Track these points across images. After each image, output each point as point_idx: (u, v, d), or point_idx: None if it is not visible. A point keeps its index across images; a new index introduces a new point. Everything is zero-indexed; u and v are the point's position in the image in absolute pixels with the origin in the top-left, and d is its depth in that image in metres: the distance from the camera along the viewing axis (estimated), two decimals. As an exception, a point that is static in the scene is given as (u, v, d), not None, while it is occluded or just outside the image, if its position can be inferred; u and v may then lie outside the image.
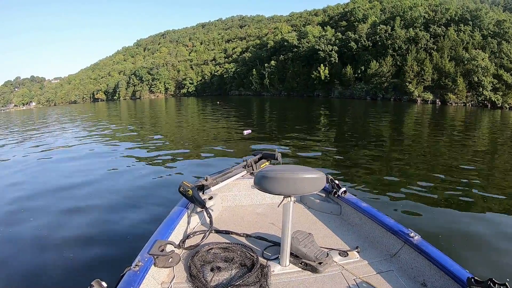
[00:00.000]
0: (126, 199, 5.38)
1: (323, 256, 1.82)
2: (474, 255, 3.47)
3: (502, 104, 37.20)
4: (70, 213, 4.83)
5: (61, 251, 3.62)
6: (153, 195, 5.52)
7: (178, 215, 2.17)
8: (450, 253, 1.85)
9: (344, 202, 2.48)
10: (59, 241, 3.89)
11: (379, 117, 20.64)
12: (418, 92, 41.97)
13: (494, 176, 6.87)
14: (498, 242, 3.76)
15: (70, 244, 3.80)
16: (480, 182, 6.19)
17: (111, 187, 6.15)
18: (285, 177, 1.60)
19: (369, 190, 5.59)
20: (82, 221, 4.48)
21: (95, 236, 3.98)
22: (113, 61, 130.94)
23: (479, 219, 4.43)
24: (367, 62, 48.41)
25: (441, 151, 9.29)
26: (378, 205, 4.57)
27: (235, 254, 1.87)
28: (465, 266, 1.62)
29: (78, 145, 11.61)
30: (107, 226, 4.34)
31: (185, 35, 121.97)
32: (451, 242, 3.72)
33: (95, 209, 4.94)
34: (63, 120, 25.86)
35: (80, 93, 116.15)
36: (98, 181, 6.60)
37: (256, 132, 12.12)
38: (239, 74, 73.77)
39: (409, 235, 1.83)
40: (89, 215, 4.71)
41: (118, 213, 4.76)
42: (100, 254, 3.53)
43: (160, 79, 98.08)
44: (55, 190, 6.06)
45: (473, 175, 6.58)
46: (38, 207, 5.15)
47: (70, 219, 4.61)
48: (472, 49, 42.08)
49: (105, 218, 4.59)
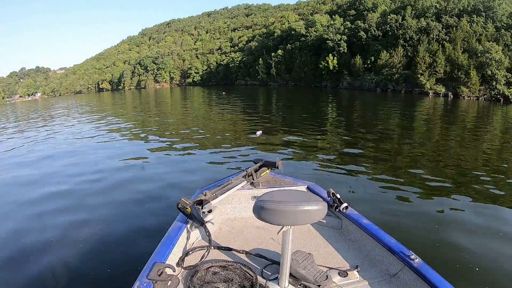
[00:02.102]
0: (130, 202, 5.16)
1: (322, 278, 1.81)
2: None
3: None
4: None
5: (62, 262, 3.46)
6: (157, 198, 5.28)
7: (176, 232, 2.12)
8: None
9: (345, 217, 2.42)
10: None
11: (389, 110, 19.91)
12: (430, 84, 40.18)
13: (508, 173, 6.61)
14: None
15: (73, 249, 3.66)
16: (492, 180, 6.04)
17: (107, 191, 5.80)
18: (285, 209, 1.55)
19: (375, 184, 5.61)
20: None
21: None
22: (118, 51, 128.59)
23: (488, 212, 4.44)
24: (377, 52, 46.32)
25: (452, 148, 9.05)
26: (383, 199, 4.93)
27: (234, 274, 1.85)
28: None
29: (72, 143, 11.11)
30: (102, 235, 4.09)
31: (190, 24, 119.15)
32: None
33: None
34: (70, 113, 25.11)
35: (85, 83, 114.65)
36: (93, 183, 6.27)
37: (264, 128, 11.54)
38: (245, 63, 71.88)
39: (410, 257, 1.80)
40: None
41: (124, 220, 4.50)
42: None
43: (165, 68, 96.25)
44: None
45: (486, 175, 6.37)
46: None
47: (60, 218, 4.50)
48: (485, 41, 40.07)
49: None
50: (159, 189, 5.69)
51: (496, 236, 3.91)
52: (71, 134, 13.10)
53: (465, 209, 4.67)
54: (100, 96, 63.49)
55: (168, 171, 6.83)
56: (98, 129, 13.82)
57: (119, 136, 11.71)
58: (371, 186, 5.66)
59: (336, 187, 2.67)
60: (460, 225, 4.20)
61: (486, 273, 3.18)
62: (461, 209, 4.66)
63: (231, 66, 76.62)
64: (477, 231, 4.02)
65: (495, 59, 37.65)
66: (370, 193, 5.35)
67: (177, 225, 2.21)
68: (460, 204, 4.83)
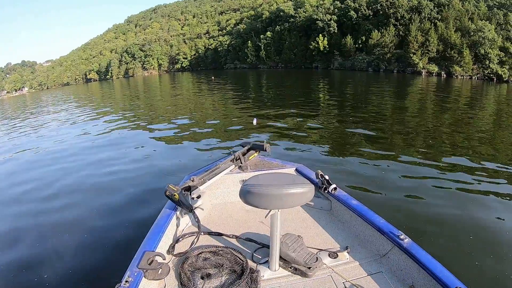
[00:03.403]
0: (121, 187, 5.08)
1: (313, 260, 1.79)
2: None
3: (508, 78, 34.64)
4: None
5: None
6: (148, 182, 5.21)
7: (165, 220, 2.08)
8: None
9: (334, 198, 2.39)
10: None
11: (381, 90, 19.58)
12: (422, 63, 39.08)
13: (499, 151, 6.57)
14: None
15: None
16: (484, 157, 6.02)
17: (94, 179, 5.63)
18: (271, 193, 1.53)
19: (367, 164, 5.51)
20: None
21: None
22: (104, 40, 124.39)
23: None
24: (368, 32, 44.96)
25: (445, 127, 8.73)
26: (374, 180, 4.76)
27: (224, 259, 1.84)
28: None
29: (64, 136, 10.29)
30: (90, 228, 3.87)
31: (177, 9, 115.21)
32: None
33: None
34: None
35: (72, 75, 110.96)
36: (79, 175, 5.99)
37: (254, 112, 11.51)
38: (234, 46, 69.95)
39: (400, 237, 1.79)
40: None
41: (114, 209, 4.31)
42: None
43: (152, 55, 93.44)
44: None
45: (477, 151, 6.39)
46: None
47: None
48: (477, 20, 39.12)
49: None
50: (148, 177, 5.49)
51: (493, 211, 3.89)
52: (56, 128, 12.38)
53: (458, 186, 4.60)
54: (88, 86, 61.84)
55: (156, 159, 6.63)
56: (85, 120, 13.40)
57: (105, 125, 11.34)
58: (362, 167, 5.47)
59: (326, 168, 2.97)
60: (451, 201, 4.15)
61: (480, 243, 3.21)
62: (455, 187, 4.56)
63: (220, 50, 74.62)
64: (470, 208, 3.97)
65: (488, 38, 36.89)
66: (360, 174, 5.12)
67: (166, 212, 2.16)
68: (453, 184, 4.68)
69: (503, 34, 37.75)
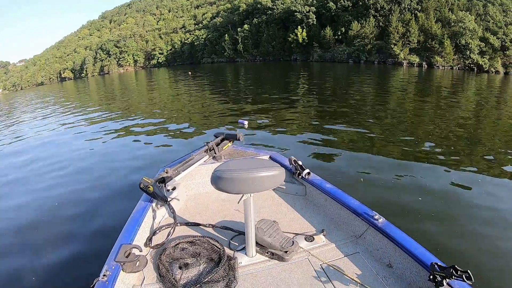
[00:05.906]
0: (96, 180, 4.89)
1: (289, 244, 1.77)
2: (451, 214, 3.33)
3: (488, 68, 33.74)
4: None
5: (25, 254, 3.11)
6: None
7: (141, 213, 2.03)
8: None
9: (308, 183, 2.35)
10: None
11: (362, 81, 18.93)
12: (403, 54, 37.27)
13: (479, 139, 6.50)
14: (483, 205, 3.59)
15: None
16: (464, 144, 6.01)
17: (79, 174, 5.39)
18: (241, 177, 1.50)
19: (343, 152, 5.43)
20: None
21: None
22: (78, 37, 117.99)
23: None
24: (347, 23, 42.80)
25: (426, 115, 8.71)
26: (356, 164, 4.80)
27: (201, 248, 1.82)
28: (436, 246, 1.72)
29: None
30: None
31: (152, 3, 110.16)
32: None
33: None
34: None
35: (46, 74, 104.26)
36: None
37: (233, 106, 11.24)
38: (211, 40, 66.76)
39: (374, 217, 1.77)
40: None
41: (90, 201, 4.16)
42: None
43: (128, 51, 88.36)
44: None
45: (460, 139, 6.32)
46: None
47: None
48: (457, 11, 37.84)
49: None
50: (123, 171, 5.22)
51: (465, 195, 3.86)
52: (30, 128, 11.48)
53: (433, 173, 4.51)
54: (63, 86, 57.47)
55: (131, 153, 6.36)
56: (59, 121, 12.24)
57: (79, 124, 10.73)
58: (339, 156, 5.27)
59: (301, 157, 2.68)
60: (425, 187, 4.02)
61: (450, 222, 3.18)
62: (430, 175, 4.44)
63: (196, 44, 71.50)
64: (445, 193, 3.87)
65: (469, 28, 35.74)
66: (336, 161, 5.03)
67: (142, 205, 2.12)
68: (431, 170, 4.62)
69: (483, 24, 36.65)
